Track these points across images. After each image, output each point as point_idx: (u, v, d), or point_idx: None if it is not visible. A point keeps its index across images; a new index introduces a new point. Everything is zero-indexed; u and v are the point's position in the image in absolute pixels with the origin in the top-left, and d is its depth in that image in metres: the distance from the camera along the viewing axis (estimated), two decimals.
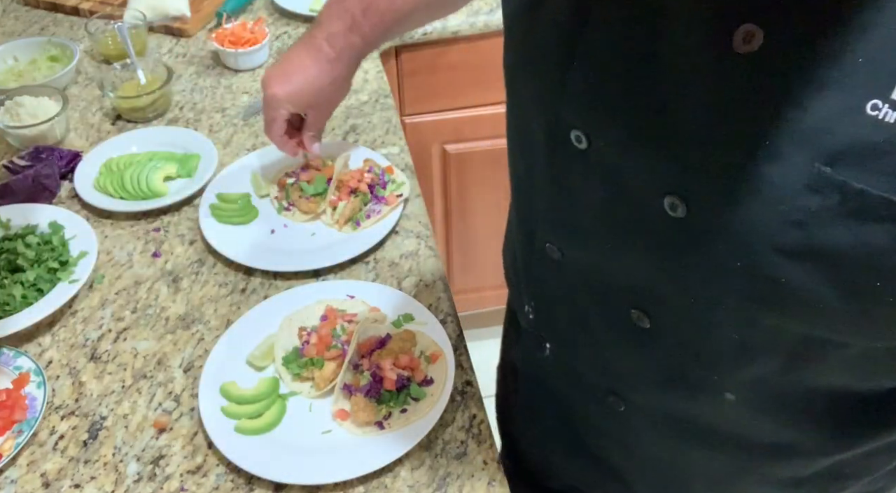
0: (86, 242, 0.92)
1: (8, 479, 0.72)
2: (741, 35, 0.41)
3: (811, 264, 0.43)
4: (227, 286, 0.90)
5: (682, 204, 0.47)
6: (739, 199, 0.44)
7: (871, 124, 0.39)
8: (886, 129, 0.38)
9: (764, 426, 0.59)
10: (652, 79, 0.47)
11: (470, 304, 1.84)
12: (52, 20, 1.38)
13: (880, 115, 0.38)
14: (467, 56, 1.42)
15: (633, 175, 0.50)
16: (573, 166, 0.55)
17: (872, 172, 0.39)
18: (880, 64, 0.38)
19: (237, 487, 0.72)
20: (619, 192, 0.52)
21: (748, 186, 0.43)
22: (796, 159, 0.41)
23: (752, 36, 0.41)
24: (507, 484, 0.72)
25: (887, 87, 0.38)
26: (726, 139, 0.44)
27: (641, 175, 0.49)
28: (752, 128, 0.42)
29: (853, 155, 0.40)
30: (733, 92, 0.43)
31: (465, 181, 1.61)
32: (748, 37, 0.41)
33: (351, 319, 0.83)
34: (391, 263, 0.93)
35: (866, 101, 0.39)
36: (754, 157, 0.42)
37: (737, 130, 0.43)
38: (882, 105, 0.38)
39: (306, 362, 0.79)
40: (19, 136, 1.07)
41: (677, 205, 0.48)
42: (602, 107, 0.51)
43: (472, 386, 0.80)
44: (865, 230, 0.41)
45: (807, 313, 0.46)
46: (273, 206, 0.99)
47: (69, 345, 0.84)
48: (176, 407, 0.78)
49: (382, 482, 0.72)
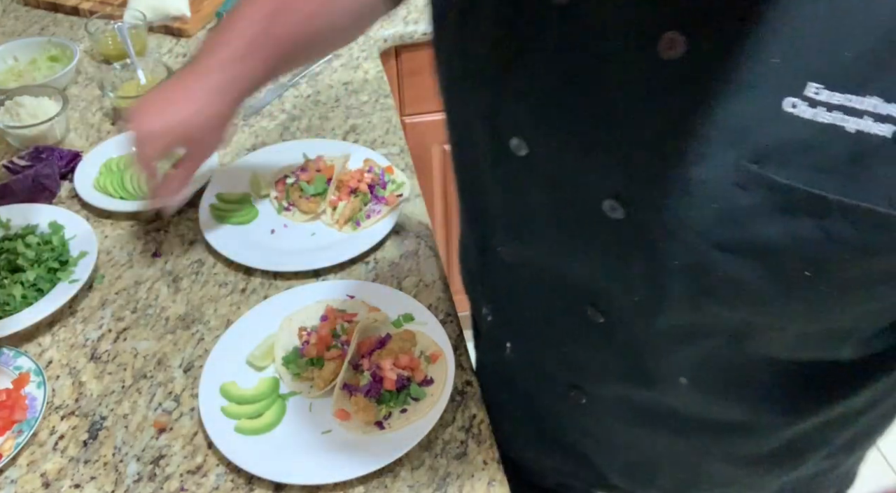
0: (86, 243, 0.91)
1: (8, 479, 0.72)
2: (665, 42, 0.43)
3: (747, 259, 0.45)
4: (227, 286, 0.90)
5: (620, 206, 0.49)
6: (673, 200, 0.46)
7: (790, 121, 0.41)
8: (805, 125, 0.40)
9: (719, 406, 0.61)
10: (585, 86, 0.49)
11: None
12: (52, 20, 1.38)
13: (797, 112, 0.40)
14: None
15: (572, 179, 0.52)
16: (517, 173, 0.56)
17: (796, 168, 0.41)
18: (793, 63, 0.40)
19: (237, 487, 0.72)
20: (562, 195, 0.54)
21: (680, 187, 0.45)
22: (723, 159, 0.43)
23: (676, 43, 0.43)
24: (507, 484, 0.72)
25: (801, 84, 0.40)
26: (657, 142, 0.46)
27: (580, 179, 0.51)
28: (681, 130, 0.44)
29: (777, 152, 0.42)
30: (661, 97, 0.45)
31: None
32: (672, 44, 0.43)
33: (351, 319, 0.83)
34: (391, 263, 0.93)
35: (783, 99, 0.41)
36: (684, 159, 0.44)
37: (666, 134, 0.45)
38: (799, 102, 0.40)
39: (306, 362, 0.79)
40: (19, 136, 1.07)
41: (616, 207, 0.50)
42: (539, 115, 0.52)
43: (472, 386, 0.80)
44: (794, 224, 0.43)
45: (747, 303, 0.49)
46: (273, 206, 0.99)
47: (69, 345, 0.84)
48: (176, 407, 0.78)
49: (382, 482, 0.72)
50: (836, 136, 0.40)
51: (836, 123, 0.39)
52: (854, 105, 0.39)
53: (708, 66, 0.42)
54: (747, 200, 0.43)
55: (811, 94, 0.40)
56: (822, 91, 0.39)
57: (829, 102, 0.39)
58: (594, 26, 0.47)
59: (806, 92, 0.40)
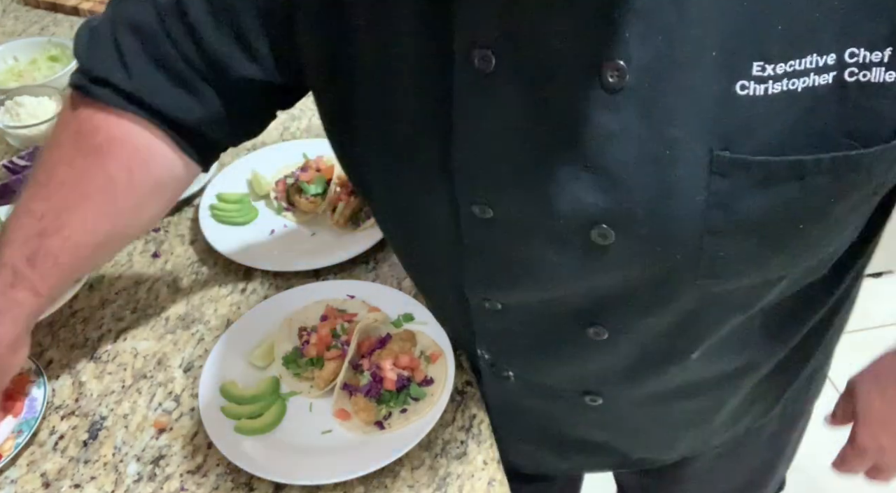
0: None
1: (8, 479, 0.72)
2: (608, 71, 0.44)
3: (738, 234, 0.48)
4: (227, 286, 0.90)
5: (609, 230, 0.49)
6: (660, 206, 0.47)
7: (745, 102, 0.43)
8: (759, 100, 0.43)
9: (726, 360, 0.64)
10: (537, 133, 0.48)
11: None
12: (52, 20, 1.38)
13: (750, 91, 0.43)
14: None
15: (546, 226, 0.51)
16: (485, 231, 0.55)
17: (764, 142, 0.44)
18: (731, 52, 0.43)
19: (237, 487, 0.72)
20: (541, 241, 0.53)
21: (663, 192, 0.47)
22: (695, 155, 0.45)
23: (620, 70, 0.44)
24: (507, 484, 0.72)
25: (745, 67, 0.43)
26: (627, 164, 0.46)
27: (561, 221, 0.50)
28: (646, 147, 0.46)
29: (742, 133, 0.44)
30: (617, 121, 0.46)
31: None
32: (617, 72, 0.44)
33: (351, 319, 0.83)
34: (391, 263, 0.93)
35: (733, 85, 0.43)
36: (660, 168, 0.46)
37: (634, 153, 0.46)
38: (748, 83, 0.43)
39: (306, 362, 0.79)
40: (19, 136, 1.07)
41: (606, 234, 0.49)
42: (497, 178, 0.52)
43: (471, 386, 0.80)
44: (776, 191, 0.45)
45: (748, 272, 0.52)
46: (273, 206, 0.99)
47: (69, 345, 0.84)
48: (176, 407, 0.78)
49: (382, 482, 0.72)
50: (789, 100, 0.43)
51: (786, 88, 0.43)
52: (796, 68, 0.42)
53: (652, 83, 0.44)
54: (727, 184, 0.45)
55: (756, 72, 0.43)
56: (766, 67, 0.42)
57: (774, 73, 0.43)
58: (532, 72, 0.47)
59: (752, 72, 0.43)
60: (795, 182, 0.45)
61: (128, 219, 0.69)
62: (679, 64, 0.43)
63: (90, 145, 0.65)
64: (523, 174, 0.50)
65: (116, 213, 0.67)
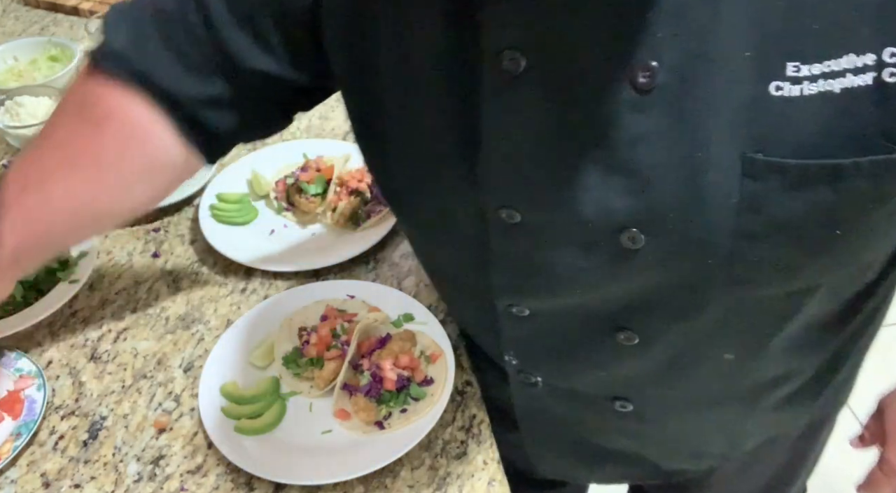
0: (85, 242, 0.91)
1: (8, 479, 0.72)
2: (638, 73, 0.43)
3: (771, 238, 0.47)
4: (227, 286, 0.90)
5: (640, 234, 0.49)
6: (691, 211, 0.46)
7: (780, 104, 0.43)
8: (794, 102, 0.42)
9: (761, 369, 0.63)
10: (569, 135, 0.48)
11: None
12: (52, 20, 1.38)
13: (784, 93, 0.42)
14: None
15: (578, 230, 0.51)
16: (512, 236, 0.55)
17: (798, 144, 0.43)
18: (765, 51, 0.42)
19: (237, 487, 0.72)
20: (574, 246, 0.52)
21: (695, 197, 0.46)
22: (728, 158, 0.44)
23: (650, 70, 0.43)
24: (507, 484, 0.72)
25: (780, 67, 0.42)
26: (658, 167, 0.46)
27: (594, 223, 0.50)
28: (678, 149, 0.45)
29: (776, 136, 0.43)
30: (648, 123, 0.45)
31: None
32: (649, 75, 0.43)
33: (351, 319, 0.83)
34: (391, 263, 0.93)
35: (767, 85, 0.42)
36: (692, 172, 0.45)
37: (665, 156, 0.45)
38: (783, 84, 0.42)
39: (306, 362, 0.79)
40: (19, 136, 1.07)
41: (635, 237, 0.49)
42: (525, 182, 0.51)
43: (472, 386, 0.80)
44: (809, 195, 0.44)
45: (780, 277, 0.50)
46: (273, 206, 0.99)
47: (69, 345, 0.84)
48: (176, 407, 0.78)
49: (382, 482, 0.72)
50: (825, 101, 0.42)
51: (822, 89, 0.42)
52: (833, 68, 0.41)
53: (685, 84, 0.43)
54: (760, 187, 0.44)
55: (791, 73, 0.42)
56: (802, 67, 0.41)
57: (810, 74, 0.41)
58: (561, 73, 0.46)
59: (787, 73, 0.42)
60: (831, 186, 0.44)
61: (112, 194, 0.67)
62: (711, 64, 0.43)
63: (90, 115, 0.65)
64: (551, 177, 0.50)
65: (101, 185, 0.66)
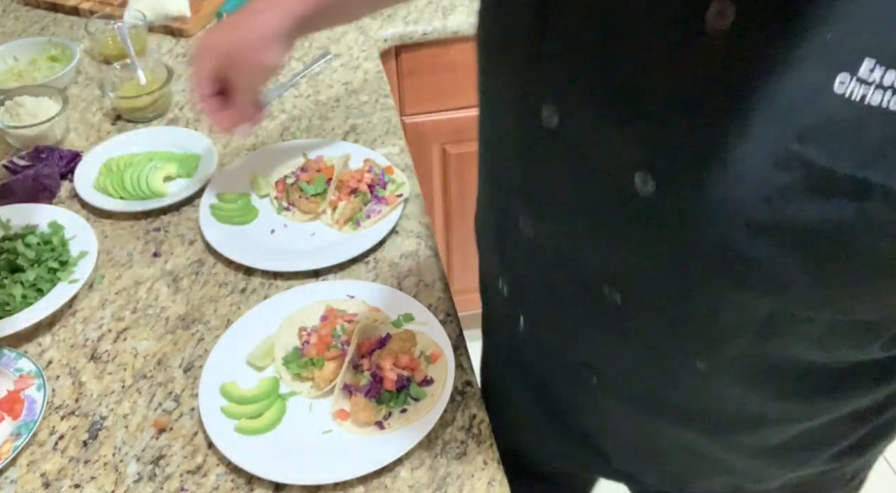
0: (86, 242, 0.92)
1: (8, 479, 0.72)
2: (714, 12, 0.41)
3: (779, 240, 0.44)
4: (227, 286, 0.90)
5: (652, 179, 0.48)
6: (709, 176, 0.44)
7: (839, 101, 0.39)
8: (852, 106, 0.39)
9: (733, 397, 0.60)
10: (622, 56, 0.47)
11: (470, 304, 1.83)
12: (52, 20, 1.38)
13: (848, 90, 0.39)
14: (467, 56, 1.41)
15: (603, 152, 0.51)
16: (544, 144, 0.55)
17: (839, 149, 0.40)
18: (849, 40, 0.38)
19: (237, 487, 0.72)
20: (591, 169, 0.52)
21: (718, 163, 0.44)
22: (766, 137, 0.42)
23: (725, 13, 0.41)
24: (507, 484, 0.72)
25: (856, 62, 0.38)
26: (696, 117, 0.44)
27: (612, 151, 0.50)
28: (723, 105, 0.43)
29: (822, 132, 0.40)
30: (704, 70, 0.43)
31: (465, 181, 1.61)
32: (721, 14, 0.41)
33: (351, 319, 0.83)
34: (391, 263, 0.93)
35: (834, 77, 0.39)
36: (725, 135, 0.43)
37: (708, 107, 0.44)
38: (849, 81, 0.39)
39: (306, 362, 0.79)
40: (19, 136, 1.07)
41: (647, 180, 0.48)
42: (574, 81, 0.51)
43: (472, 386, 0.80)
44: (831, 206, 0.42)
45: (776, 288, 0.48)
46: (273, 206, 0.99)
47: (69, 345, 0.84)
48: (176, 407, 0.78)
49: (382, 482, 0.72)
50: (886, 117, 0.38)
51: (884, 103, 0.38)
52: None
53: (756, 39, 0.41)
54: (785, 181, 0.42)
55: (864, 71, 0.38)
56: (877, 68, 0.38)
57: (881, 81, 0.38)
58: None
59: (860, 69, 0.38)
60: (854, 203, 0.41)
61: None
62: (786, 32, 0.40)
63: None
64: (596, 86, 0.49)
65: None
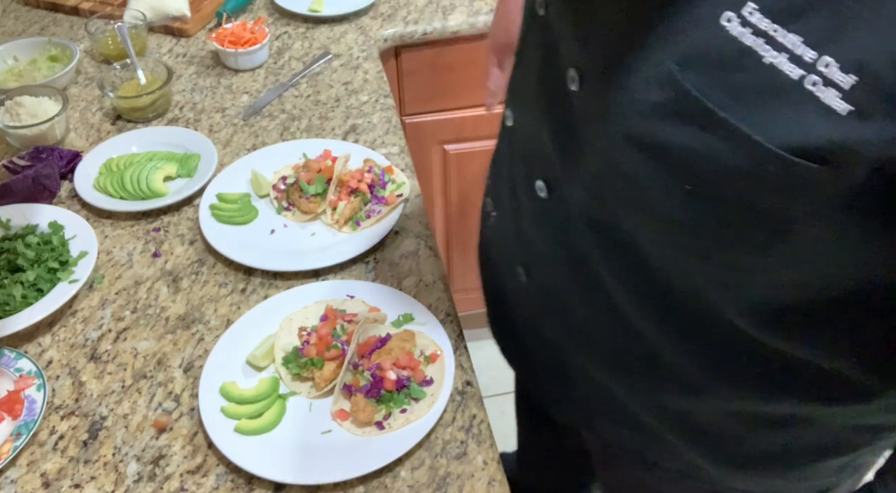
0: (86, 242, 0.92)
1: (8, 479, 0.72)
2: None
3: (642, 156, 0.49)
4: (227, 286, 0.90)
5: (577, 77, 0.55)
6: (611, 81, 0.50)
7: (721, 36, 0.43)
8: (730, 41, 0.43)
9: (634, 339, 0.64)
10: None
11: (470, 304, 1.84)
12: (52, 20, 1.38)
13: (730, 27, 0.43)
14: (467, 56, 1.42)
15: (559, 45, 0.58)
16: (533, 33, 0.64)
17: (711, 83, 0.44)
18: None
19: (237, 487, 0.72)
20: (548, 60, 0.60)
21: (618, 70, 0.49)
22: (655, 54, 0.46)
23: None
24: (507, 484, 0.72)
25: (741, 4, 0.42)
26: (619, 23, 0.50)
27: (562, 46, 0.57)
28: (638, 20, 0.48)
29: (700, 61, 0.44)
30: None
31: (465, 181, 1.61)
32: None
33: (351, 319, 0.83)
34: (391, 263, 0.93)
35: (723, 12, 0.43)
36: (629, 45, 0.48)
37: (628, 17, 0.49)
38: (734, 18, 0.42)
39: (306, 362, 0.79)
40: (19, 136, 1.07)
41: (574, 78, 0.55)
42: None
43: (472, 386, 0.80)
44: (684, 130, 0.46)
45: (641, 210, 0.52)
46: (273, 206, 0.99)
47: (69, 345, 0.84)
48: (176, 407, 0.78)
49: (382, 482, 0.72)
50: (752, 62, 0.42)
51: (756, 49, 0.42)
52: (777, 37, 0.41)
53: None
54: (659, 98, 0.46)
55: (746, 13, 0.42)
56: (756, 13, 0.42)
57: (757, 25, 0.41)
58: None
59: (743, 10, 0.42)
60: (701, 131, 0.44)
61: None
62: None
63: None
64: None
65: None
